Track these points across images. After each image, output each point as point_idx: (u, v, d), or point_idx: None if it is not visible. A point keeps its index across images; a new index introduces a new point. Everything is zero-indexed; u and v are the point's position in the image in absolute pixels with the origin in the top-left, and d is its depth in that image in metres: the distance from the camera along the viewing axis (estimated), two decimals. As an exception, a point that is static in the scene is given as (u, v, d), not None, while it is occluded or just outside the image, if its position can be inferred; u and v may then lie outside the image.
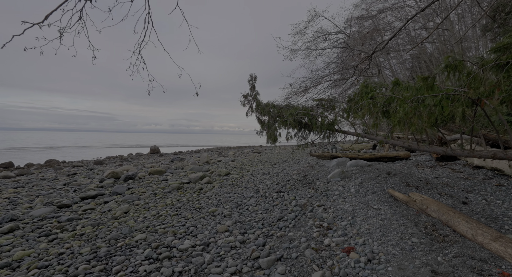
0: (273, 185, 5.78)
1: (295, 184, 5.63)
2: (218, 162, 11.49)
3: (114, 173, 7.96)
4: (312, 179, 5.95)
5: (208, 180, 6.79)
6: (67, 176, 9.28)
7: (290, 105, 5.69)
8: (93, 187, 6.77)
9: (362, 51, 8.55)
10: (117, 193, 5.83)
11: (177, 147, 29.44)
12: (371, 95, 3.93)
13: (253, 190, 5.48)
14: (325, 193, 4.64)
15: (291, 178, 6.31)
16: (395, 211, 3.19)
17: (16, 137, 51.95)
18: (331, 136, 5.37)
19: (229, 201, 4.71)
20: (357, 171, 6.09)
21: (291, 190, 5.20)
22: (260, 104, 6.30)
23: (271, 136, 5.40)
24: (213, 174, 8.13)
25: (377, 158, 7.15)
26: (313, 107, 5.27)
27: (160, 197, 5.36)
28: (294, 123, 5.15)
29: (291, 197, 4.60)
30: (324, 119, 4.92)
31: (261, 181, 6.36)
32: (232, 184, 6.35)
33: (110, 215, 4.24)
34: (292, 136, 5.29)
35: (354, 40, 9.19)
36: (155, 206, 4.70)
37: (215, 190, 5.83)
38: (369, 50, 8.63)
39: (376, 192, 4.19)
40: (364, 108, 3.98)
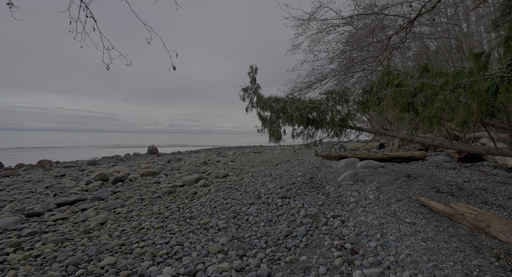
0: (276, 189, 5.03)
1: (302, 188, 4.88)
2: (216, 162, 10.73)
3: (103, 174, 7.21)
4: (320, 182, 5.19)
5: (204, 183, 6.03)
6: (55, 177, 8.52)
7: (296, 99, 4.93)
8: (76, 190, 6.01)
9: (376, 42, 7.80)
10: (99, 198, 5.07)
11: (177, 147, 28.68)
12: (398, 82, 3.18)
13: (253, 195, 4.72)
14: (338, 200, 3.88)
15: (296, 180, 5.56)
16: (437, 227, 2.44)
17: (15, 137, 51.17)
18: (343, 134, 4.61)
19: (226, 209, 3.96)
20: (370, 173, 5.33)
21: (297, 195, 4.44)
22: (262, 99, 5.55)
23: (274, 134, 4.65)
24: (210, 176, 7.37)
25: (390, 158, 6.39)
26: (322, 101, 4.52)
27: (147, 203, 4.61)
28: (301, 119, 4.40)
29: (299, 204, 3.84)
30: (336, 114, 4.16)
31: (262, 184, 5.60)
32: (230, 188, 5.59)
33: (82, 227, 3.49)
34: (298, 134, 4.53)
35: (363, 33, 8.44)
36: (139, 215, 3.95)
37: (211, 194, 5.08)
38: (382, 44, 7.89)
39: (402, 199, 3.43)
40: (388, 99, 3.22)
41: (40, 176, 8.93)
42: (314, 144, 4.73)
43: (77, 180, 7.54)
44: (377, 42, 7.39)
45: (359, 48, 9.14)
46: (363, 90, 4.26)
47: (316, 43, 9.51)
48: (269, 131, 5.31)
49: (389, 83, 3.57)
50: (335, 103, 4.38)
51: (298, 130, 4.49)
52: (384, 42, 6.32)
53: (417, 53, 15.07)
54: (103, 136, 74.46)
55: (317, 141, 4.69)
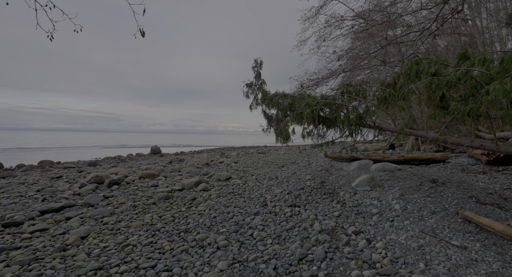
0: (284, 195, 4.45)
1: (312, 194, 4.29)
2: (219, 163, 10.19)
3: (98, 177, 6.70)
4: (333, 187, 4.60)
5: (204, 187, 5.48)
6: (51, 179, 8.07)
7: (305, 95, 4.35)
8: (68, 194, 5.51)
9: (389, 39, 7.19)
10: (89, 204, 4.55)
11: (181, 147, 28.26)
12: (435, 71, 2.58)
13: (258, 202, 4.15)
14: (357, 210, 3.28)
15: (305, 185, 4.97)
16: (501, 256, 1.84)
17: (22, 137, 51.34)
18: (359, 133, 4.02)
19: (227, 220, 3.39)
20: (388, 177, 4.72)
21: (308, 203, 3.86)
22: (267, 95, 4.98)
23: (282, 134, 4.07)
24: (211, 179, 6.82)
25: (407, 160, 5.77)
26: (336, 96, 3.93)
27: (139, 211, 4.06)
28: (312, 116, 3.81)
29: (311, 215, 3.26)
30: (353, 111, 3.56)
31: (268, 189, 5.03)
32: (233, 192, 5.03)
33: (60, 242, 2.96)
34: (309, 134, 3.94)
35: (375, 27, 7.81)
36: (128, 226, 3.40)
37: (211, 200, 4.52)
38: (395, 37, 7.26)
39: (436, 211, 2.83)
40: (422, 91, 2.63)
41: (36, 177, 8.49)
42: (326, 144, 4.14)
43: (72, 183, 7.05)
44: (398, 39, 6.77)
45: (372, 43, 8.52)
46: (382, 84, 3.66)
47: (324, 39, 8.91)
48: (275, 131, 4.75)
49: (418, 73, 2.97)
50: (351, 99, 3.78)
51: (309, 130, 3.90)
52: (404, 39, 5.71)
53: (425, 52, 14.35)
54: (108, 136, 74.57)
55: (329, 141, 4.10)
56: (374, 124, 3.63)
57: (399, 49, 6.41)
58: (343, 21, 8.19)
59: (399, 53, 6.62)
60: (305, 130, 3.82)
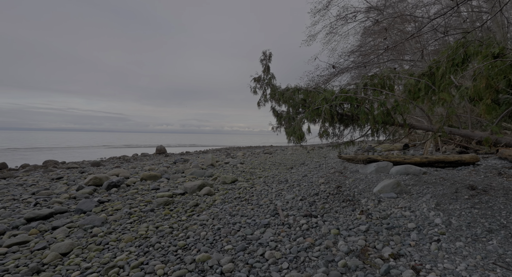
0: (296, 201, 3.90)
1: (329, 201, 3.73)
2: (225, 164, 9.68)
3: (97, 179, 6.26)
4: (352, 193, 4.02)
5: (208, 191, 4.96)
6: (51, 180, 7.68)
7: (321, 88, 3.79)
8: (63, 198, 5.07)
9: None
10: (81, 211, 4.07)
11: (186, 147, 27.90)
12: (499, 51, 2.00)
13: (268, 210, 3.61)
14: (387, 223, 2.71)
15: (319, 190, 4.41)
16: None
17: (32, 137, 51.82)
18: (384, 132, 3.43)
19: (233, 233, 2.86)
20: (414, 182, 4.13)
21: (326, 212, 3.30)
22: (277, 90, 4.44)
23: (295, 133, 3.51)
24: (216, 181, 6.31)
25: (431, 162, 5.15)
26: (357, 89, 3.35)
27: (134, 219, 3.56)
28: (331, 113, 3.25)
29: (333, 229, 2.70)
30: (380, 106, 2.99)
31: (278, 194, 4.48)
32: (239, 198, 4.49)
33: (37, 260, 2.47)
34: (326, 132, 3.37)
35: (388, 20, 7.19)
36: (118, 239, 2.90)
37: (215, 207, 3.99)
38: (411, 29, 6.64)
39: (494, 229, 2.24)
40: (479, 77, 2.05)
41: (37, 178, 8.13)
42: (346, 144, 3.57)
43: (71, 185, 6.63)
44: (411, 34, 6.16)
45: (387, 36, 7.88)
46: (411, 74, 3.07)
47: (336, 32, 8.30)
48: (285, 130, 4.20)
49: (466, 59, 2.38)
50: (376, 92, 3.21)
51: (326, 128, 3.33)
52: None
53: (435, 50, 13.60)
54: (116, 136, 74.89)
55: (349, 141, 3.53)
56: (405, 122, 3.04)
57: (418, 41, 5.79)
58: (356, 13, 7.58)
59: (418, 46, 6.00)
60: (323, 129, 3.25)
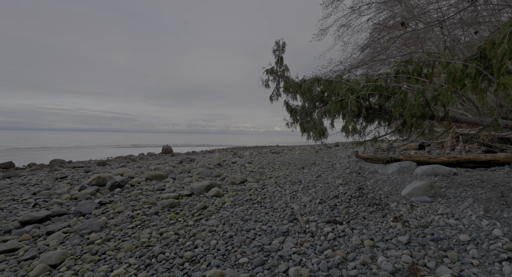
0: (315, 205, 3.47)
1: (353, 205, 3.29)
2: (232, 163, 9.30)
3: (100, 178, 5.94)
4: (377, 196, 3.58)
5: (216, 192, 4.57)
6: (55, 180, 7.41)
7: (343, 79, 3.35)
8: (64, 199, 4.76)
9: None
10: (80, 213, 3.73)
11: (192, 147, 27.66)
12: None
13: (285, 214, 3.19)
14: (430, 234, 2.27)
15: (338, 192, 3.97)
16: None
17: (43, 137, 52.37)
18: (418, 127, 2.98)
19: (247, 243, 2.46)
20: (447, 184, 3.66)
21: (352, 218, 2.86)
22: (292, 83, 4.02)
23: (316, 128, 3.09)
24: (224, 181, 5.92)
25: (460, 162, 4.65)
26: (387, 78, 2.91)
27: (136, 224, 3.19)
28: (358, 105, 2.82)
29: (366, 239, 2.27)
30: (418, 96, 2.54)
31: (293, 196, 4.06)
32: (250, 200, 4.09)
33: (22, 273, 2.11)
34: (354, 128, 2.93)
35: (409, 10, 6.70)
36: (117, 248, 2.53)
37: (225, 211, 3.60)
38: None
39: None
40: None
41: (41, 177, 7.88)
42: (374, 141, 3.13)
43: (74, 184, 6.33)
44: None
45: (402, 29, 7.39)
46: (452, 58, 2.62)
47: (348, 27, 7.84)
48: (300, 126, 3.79)
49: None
50: (411, 80, 2.76)
51: (353, 122, 2.89)
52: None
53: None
54: (123, 136, 75.30)
55: (375, 138, 3.08)
56: (447, 115, 2.59)
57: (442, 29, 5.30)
58: (371, 4, 7.11)
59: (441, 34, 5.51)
60: (349, 123, 2.81)
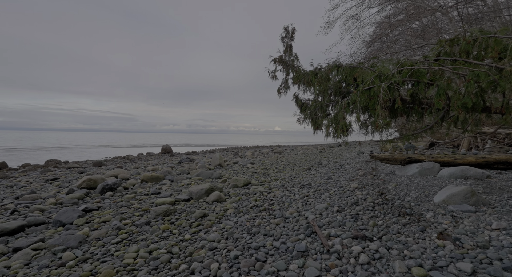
0: (333, 214, 2.92)
1: (378, 214, 2.74)
2: (233, 164, 8.75)
3: (91, 181, 5.38)
4: (405, 202, 3.02)
5: (217, 196, 4.02)
6: (45, 181, 6.86)
7: (365, 65, 2.80)
8: (47, 204, 4.21)
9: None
10: (60, 223, 3.17)
11: (192, 147, 27.10)
12: None
13: (299, 226, 2.65)
14: (498, 260, 1.72)
15: (356, 197, 3.42)
16: None
17: (43, 137, 51.68)
18: (465, 122, 2.43)
19: (258, 268, 1.91)
20: (484, 189, 3.11)
21: (383, 232, 2.32)
22: (303, 73, 3.47)
23: (337, 123, 2.54)
24: (226, 184, 5.37)
25: (490, 163, 4.10)
26: (426, 61, 2.36)
27: (123, 238, 2.64)
28: (386, 96, 2.27)
29: (414, 266, 1.72)
30: (472, 82, 1.99)
31: (305, 202, 3.51)
32: (256, 207, 3.53)
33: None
34: (388, 121, 2.38)
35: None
36: (92, 274, 1.98)
37: (228, 220, 3.05)
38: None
39: None
40: None
41: (32, 179, 7.32)
42: (405, 138, 2.59)
43: (63, 187, 5.78)
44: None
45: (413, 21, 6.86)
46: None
47: (356, 19, 7.30)
48: (312, 122, 3.25)
49: None
50: (459, 63, 2.21)
51: (384, 116, 2.33)
52: None
53: None
54: (123, 136, 74.57)
55: (412, 133, 2.53)
56: (507, 105, 2.04)
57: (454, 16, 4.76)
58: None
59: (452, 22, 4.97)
60: (380, 117, 2.25)
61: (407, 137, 2.60)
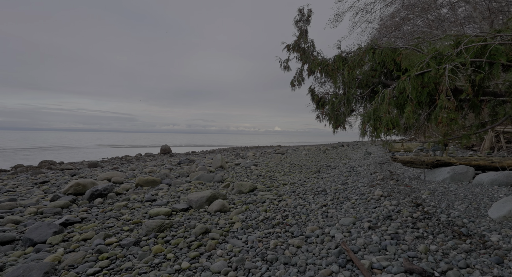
0: (364, 232, 2.32)
1: (424, 234, 2.14)
2: (235, 165, 8.15)
3: (80, 185, 4.78)
4: (453, 218, 2.43)
5: (221, 206, 3.42)
6: (33, 185, 6.25)
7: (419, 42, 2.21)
8: (27, 214, 3.61)
9: None
10: (30, 242, 2.55)
11: (192, 147, 26.46)
12: None
13: (327, 250, 2.05)
14: None
15: (385, 208, 2.83)
16: None
17: (43, 137, 50.81)
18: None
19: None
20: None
21: (448, 265, 1.73)
22: (323, 60, 2.87)
23: (377, 120, 1.95)
24: (229, 189, 4.77)
25: (534, 166, 3.52)
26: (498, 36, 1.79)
27: (102, 266, 2.04)
28: (451, 83, 1.68)
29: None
30: None
31: (325, 214, 2.91)
32: (268, 220, 2.93)
33: None
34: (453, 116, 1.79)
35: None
36: None
37: (236, 238, 2.45)
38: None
39: None
40: None
41: (20, 182, 6.69)
42: (465, 138, 2.00)
43: (49, 193, 5.16)
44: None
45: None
46: None
47: (367, 11, 6.72)
48: (332, 120, 2.67)
49: None
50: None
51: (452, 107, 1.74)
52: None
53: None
54: (123, 136, 73.62)
55: (475, 132, 1.94)
56: None
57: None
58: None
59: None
60: (447, 110, 1.65)
61: (467, 137, 2.02)
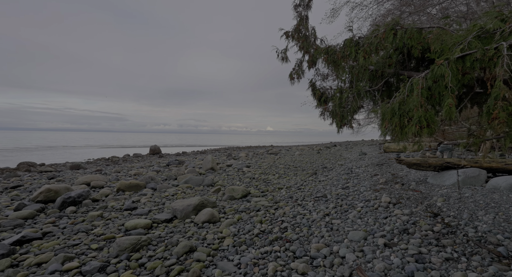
0: (380, 250, 1.91)
1: (453, 254, 1.76)
2: (227, 167, 7.66)
3: (51, 191, 4.19)
4: (483, 233, 2.06)
5: (209, 216, 2.94)
6: (3, 190, 5.57)
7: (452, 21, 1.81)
8: (-23, 228, 3.01)
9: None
10: (-34, 270, 2.03)
11: (183, 147, 25.71)
12: None
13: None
14: None
15: (400, 219, 2.43)
16: None
17: (28, 137, 48.54)
18: None
19: None
20: None
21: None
22: (324, 48, 2.44)
23: (403, 116, 1.54)
24: (220, 194, 4.29)
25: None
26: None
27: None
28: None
29: None
30: None
31: (329, 227, 2.49)
32: (264, 233, 2.48)
33: None
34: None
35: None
36: None
37: (226, 260, 1.99)
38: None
39: None
40: None
41: (-11, 186, 5.98)
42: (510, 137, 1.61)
43: (17, 200, 4.53)
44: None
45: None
46: None
47: (365, 6, 6.39)
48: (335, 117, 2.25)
49: None
50: None
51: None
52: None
53: None
54: (112, 136, 71.45)
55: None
56: None
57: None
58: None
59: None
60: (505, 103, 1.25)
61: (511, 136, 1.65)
